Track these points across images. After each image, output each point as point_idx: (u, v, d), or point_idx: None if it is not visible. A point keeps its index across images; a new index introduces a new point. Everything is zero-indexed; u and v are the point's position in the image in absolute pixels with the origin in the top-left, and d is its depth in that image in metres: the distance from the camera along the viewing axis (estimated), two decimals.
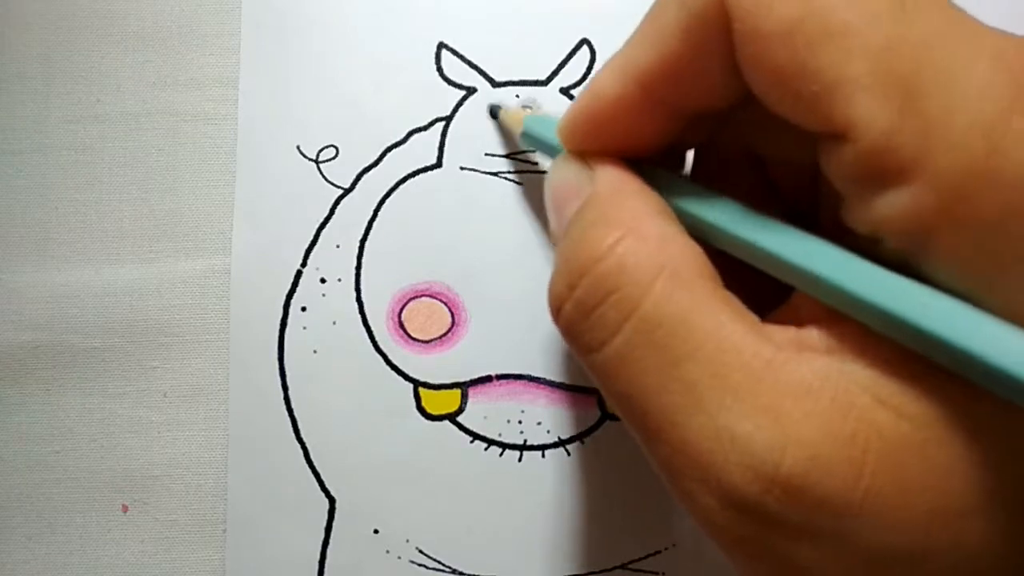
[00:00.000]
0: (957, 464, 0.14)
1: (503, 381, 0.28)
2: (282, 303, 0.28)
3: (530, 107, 0.28)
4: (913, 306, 0.15)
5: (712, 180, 0.21)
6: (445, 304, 0.28)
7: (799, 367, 0.15)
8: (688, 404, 0.16)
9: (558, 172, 0.21)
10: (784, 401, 0.15)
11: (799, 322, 0.16)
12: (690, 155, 0.23)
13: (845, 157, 0.15)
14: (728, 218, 0.18)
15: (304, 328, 0.28)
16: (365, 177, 0.28)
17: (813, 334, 0.16)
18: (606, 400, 0.18)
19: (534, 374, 0.28)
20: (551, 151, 0.23)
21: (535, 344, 0.28)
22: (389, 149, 0.28)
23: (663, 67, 0.17)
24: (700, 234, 0.18)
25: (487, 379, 0.28)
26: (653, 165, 0.19)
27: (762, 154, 0.21)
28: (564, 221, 0.19)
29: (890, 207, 0.15)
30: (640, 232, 0.17)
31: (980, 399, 0.14)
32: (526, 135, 0.25)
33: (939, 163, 0.14)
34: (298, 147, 0.29)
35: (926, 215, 0.14)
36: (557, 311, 0.18)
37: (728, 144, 0.21)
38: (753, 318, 0.16)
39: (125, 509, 0.28)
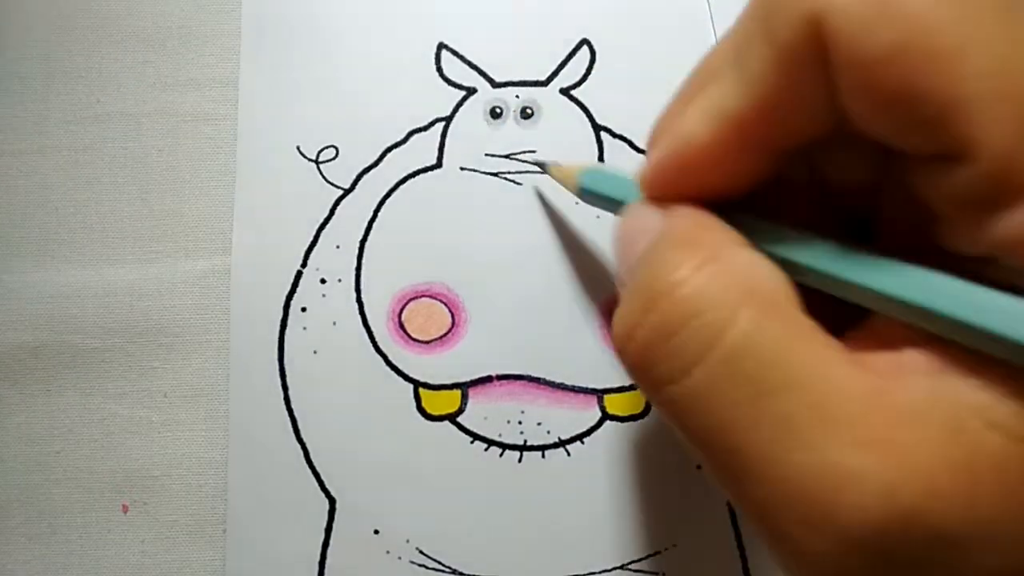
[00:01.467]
0: None
1: (503, 381, 0.28)
2: (282, 303, 0.28)
3: (556, 163, 0.27)
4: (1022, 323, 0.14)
5: (770, 203, 0.20)
6: (445, 304, 0.28)
7: (905, 394, 0.15)
8: (786, 439, 0.15)
9: (632, 217, 0.19)
10: (893, 431, 0.14)
11: (889, 346, 0.16)
12: None
13: (960, 178, 0.15)
14: (814, 254, 0.17)
15: (304, 328, 0.28)
16: (365, 177, 0.28)
17: (913, 357, 0.15)
18: (682, 439, 0.17)
19: (534, 374, 0.28)
20: (613, 205, 0.22)
21: (535, 344, 0.28)
22: (389, 149, 0.28)
23: (759, 107, 0.16)
24: (782, 268, 0.17)
25: (487, 379, 0.28)
26: (731, 208, 0.19)
27: (829, 176, 0.20)
28: (633, 258, 0.18)
29: (1011, 226, 0.14)
30: (721, 258, 0.16)
31: None
32: (585, 192, 0.24)
33: None
34: (298, 147, 0.29)
35: None
36: (627, 340, 0.17)
37: (795, 172, 0.20)
38: (844, 347, 0.16)
39: (125, 509, 0.28)
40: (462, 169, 0.28)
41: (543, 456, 0.27)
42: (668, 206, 0.19)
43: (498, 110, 0.28)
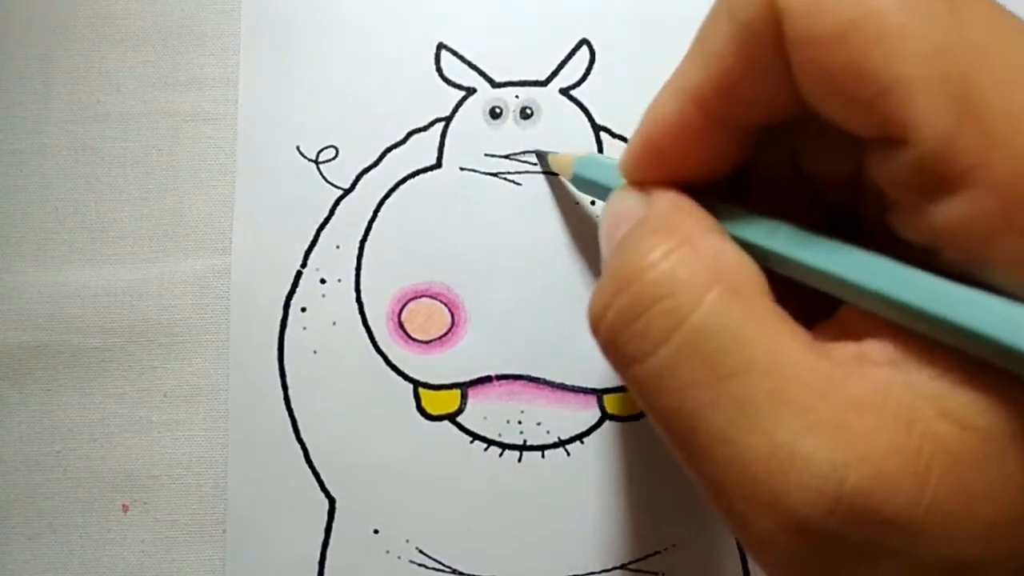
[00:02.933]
0: (1018, 473, 0.14)
1: (503, 381, 0.28)
2: (282, 303, 0.28)
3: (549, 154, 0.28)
4: (979, 314, 0.14)
5: (754, 196, 0.21)
6: (445, 304, 0.28)
7: (861, 381, 0.15)
8: (742, 421, 0.15)
9: (615, 202, 0.20)
10: (847, 417, 0.14)
11: (853, 336, 0.16)
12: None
13: (901, 163, 0.15)
14: (783, 241, 0.17)
15: (304, 328, 0.28)
16: (365, 178, 0.28)
17: (874, 347, 0.15)
18: (648, 416, 0.17)
19: (534, 374, 0.28)
20: (603, 192, 0.22)
21: (535, 344, 0.28)
22: (389, 150, 0.28)
23: (719, 83, 0.17)
24: (753, 256, 0.18)
25: (487, 379, 0.28)
26: (707, 193, 0.19)
27: (806, 167, 0.20)
28: (615, 243, 0.19)
29: (949, 214, 0.14)
30: (693, 244, 0.17)
31: None
32: (577, 178, 0.24)
33: (1001, 168, 0.14)
34: (298, 147, 0.29)
35: (985, 222, 0.14)
36: (599, 319, 0.17)
37: (772, 159, 0.21)
38: (808, 335, 0.16)
39: (125, 509, 0.28)
40: (462, 169, 0.28)
41: (543, 456, 0.28)
42: (650, 190, 0.19)
43: (498, 110, 0.28)
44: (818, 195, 0.20)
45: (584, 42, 0.29)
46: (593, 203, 0.28)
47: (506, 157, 0.28)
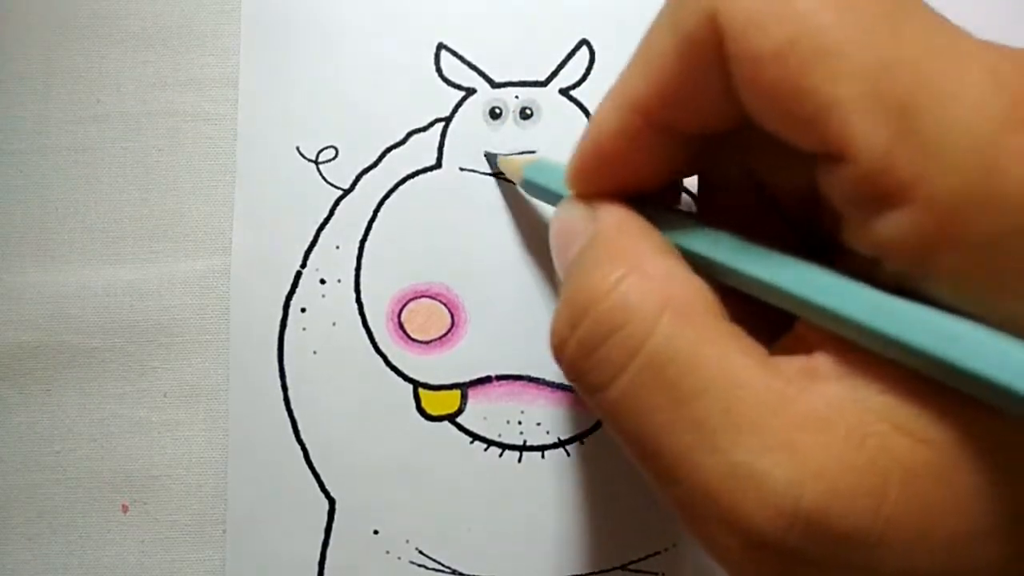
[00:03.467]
0: (976, 486, 0.14)
1: (503, 382, 0.28)
2: (282, 304, 0.28)
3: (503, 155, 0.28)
4: (916, 329, 0.14)
5: (714, 209, 0.21)
6: (445, 305, 0.28)
7: (811, 398, 0.15)
8: (700, 442, 0.15)
9: (562, 215, 0.20)
10: (799, 434, 0.15)
11: (805, 349, 0.16)
12: (691, 185, 0.22)
13: (843, 178, 0.15)
14: (728, 252, 0.17)
15: (304, 329, 0.28)
16: (365, 178, 0.28)
17: (822, 361, 0.16)
18: (616, 440, 0.18)
19: (534, 374, 0.28)
20: (553, 198, 0.22)
21: (535, 344, 0.28)
22: (389, 150, 0.28)
23: (659, 91, 0.17)
24: (704, 270, 0.18)
25: (487, 380, 0.28)
26: (655, 203, 0.19)
27: (762, 178, 0.20)
28: (567, 262, 0.19)
29: (889, 228, 0.15)
30: (643, 269, 0.17)
31: (994, 417, 0.14)
32: (527, 183, 0.24)
33: (936, 184, 0.14)
34: (298, 148, 0.29)
35: (925, 236, 0.14)
36: (560, 351, 0.18)
37: (728, 171, 0.21)
38: (762, 351, 0.16)
39: (125, 509, 0.28)
40: (461, 169, 0.28)
41: (543, 456, 0.28)
42: (596, 203, 0.19)
43: (497, 110, 0.28)
44: (775, 208, 0.20)
45: (584, 42, 0.29)
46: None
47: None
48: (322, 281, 0.28)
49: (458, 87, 0.29)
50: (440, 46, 0.29)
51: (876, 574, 0.14)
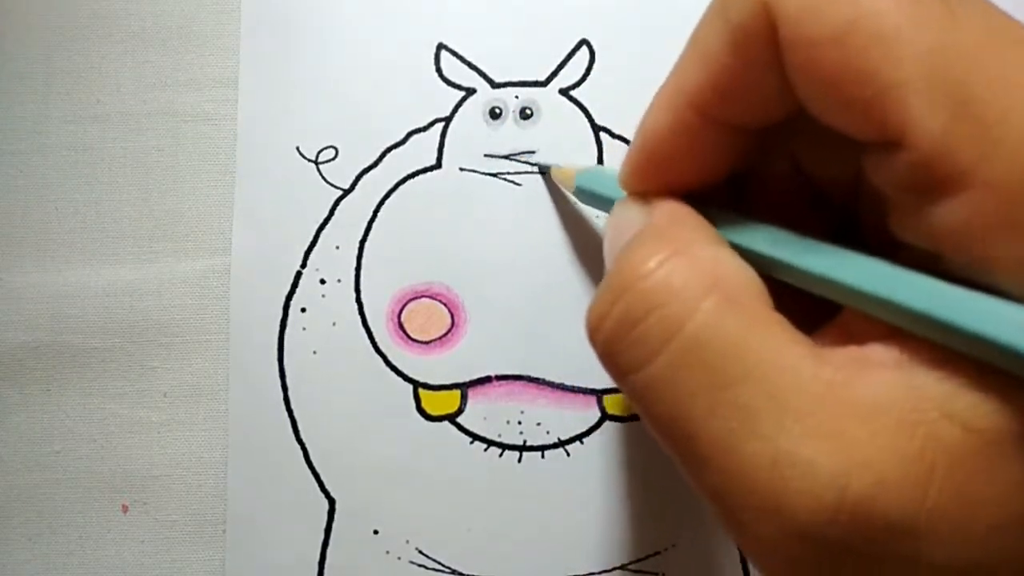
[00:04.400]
0: (1019, 477, 0.14)
1: (502, 382, 0.28)
2: (282, 304, 0.28)
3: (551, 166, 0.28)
4: (982, 317, 0.14)
5: (762, 205, 0.21)
6: (445, 305, 0.28)
7: (862, 387, 0.15)
8: (742, 428, 0.15)
9: (617, 214, 0.20)
10: (848, 423, 0.14)
11: (855, 340, 0.16)
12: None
13: (899, 165, 0.15)
14: (781, 246, 0.17)
15: (304, 329, 0.28)
16: (365, 178, 0.28)
17: (877, 351, 0.15)
18: (646, 425, 0.17)
19: (533, 375, 0.28)
20: (607, 204, 0.22)
21: (535, 344, 0.28)
22: (389, 150, 0.28)
23: (713, 84, 0.17)
24: (754, 264, 0.17)
25: (487, 380, 0.28)
26: (707, 201, 0.19)
27: (810, 172, 0.20)
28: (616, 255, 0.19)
29: (946, 216, 0.14)
30: (691, 252, 0.17)
31: None
32: (580, 191, 0.24)
33: (998, 168, 0.14)
34: (298, 148, 0.29)
35: (986, 222, 0.14)
36: (596, 328, 0.17)
37: (776, 166, 0.21)
38: (809, 341, 0.16)
39: (125, 509, 0.28)
40: (461, 170, 0.28)
41: (543, 456, 0.28)
42: (651, 201, 0.19)
43: (497, 110, 0.28)
44: (822, 201, 0.20)
45: (584, 42, 0.29)
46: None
47: (506, 157, 0.28)
48: (322, 281, 0.28)
49: (458, 87, 0.29)
50: (440, 46, 0.29)
51: (919, 564, 0.14)
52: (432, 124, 0.29)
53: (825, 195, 0.20)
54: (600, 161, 0.28)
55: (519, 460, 0.27)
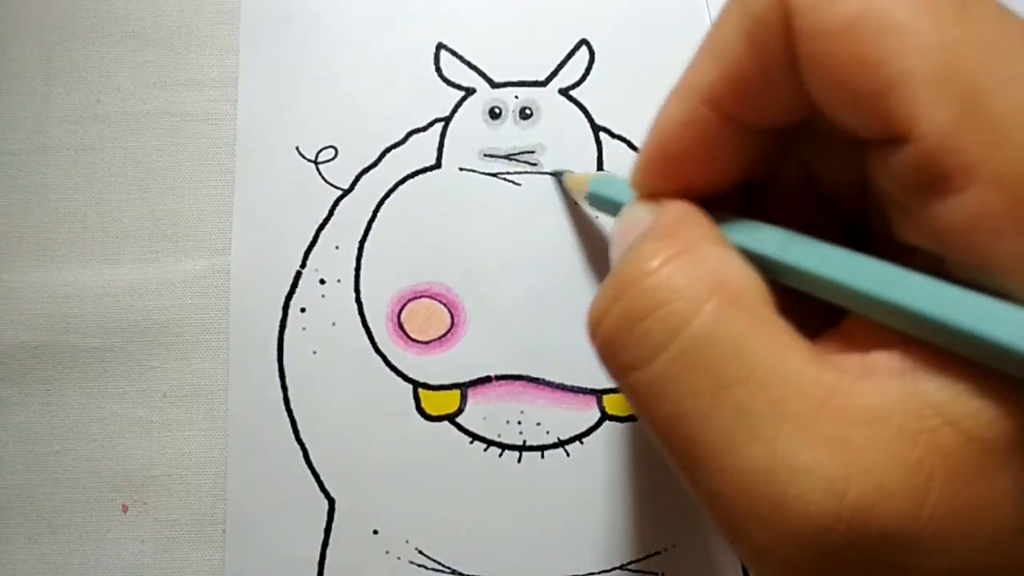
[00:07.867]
0: (1019, 485, 0.14)
1: (502, 382, 0.28)
2: (282, 303, 0.28)
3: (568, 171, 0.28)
4: (989, 320, 0.14)
5: (771, 209, 0.21)
6: (444, 305, 0.28)
7: (864, 393, 0.14)
8: (741, 431, 0.15)
9: (625, 215, 0.20)
10: (848, 428, 0.14)
11: (858, 347, 0.16)
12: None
13: (905, 161, 0.15)
14: (790, 249, 0.17)
15: (304, 329, 0.28)
16: (364, 178, 0.28)
17: (880, 358, 0.15)
18: (644, 425, 0.17)
19: (533, 375, 0.28)
20: (618, 210, 0.22)
21: (534, 345, 0.28)
22: (388, 150, 0.28)
23: (729, 79, 0.17)
24: (760, 267, 0.17)
25: (486, 380, 0.28)
26: (719, 206, 0.19)
27: (819, 176, 0.20)
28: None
29: (952, 213, 0.14)
30: (696, 252, 0.16)
31: None
32: (593, 197, 0.24)
33: (1005, 164, 0.14)
34: (297, 148, 0.29)
35: (993, 219, 0.14)
36: (596, 325, 0.17)
37: (786, 171, 0.20)
38: (811, 346, 0.16)
39: (125, 509, 0.28)
40: (461, 169, 0.28)
41: (542, 456, 0.28)
42: (661, 202, 0.19)
43: (497, 110, 0.28)
44: (833, 212, 0.20)
45: (584, 42, 0.29)
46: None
47: (505, 157, 0.28)
48: (322, 281, 0.28)
49: (458, 87, 0.29)
50: (440, 46, 0.29)
51: (917, 573, 0.14)
52: (432, 124, 0.29)
53: (836, 205, 0.20)
54: (600, 161, 0.28)
55: (519, 460, 0.27)
